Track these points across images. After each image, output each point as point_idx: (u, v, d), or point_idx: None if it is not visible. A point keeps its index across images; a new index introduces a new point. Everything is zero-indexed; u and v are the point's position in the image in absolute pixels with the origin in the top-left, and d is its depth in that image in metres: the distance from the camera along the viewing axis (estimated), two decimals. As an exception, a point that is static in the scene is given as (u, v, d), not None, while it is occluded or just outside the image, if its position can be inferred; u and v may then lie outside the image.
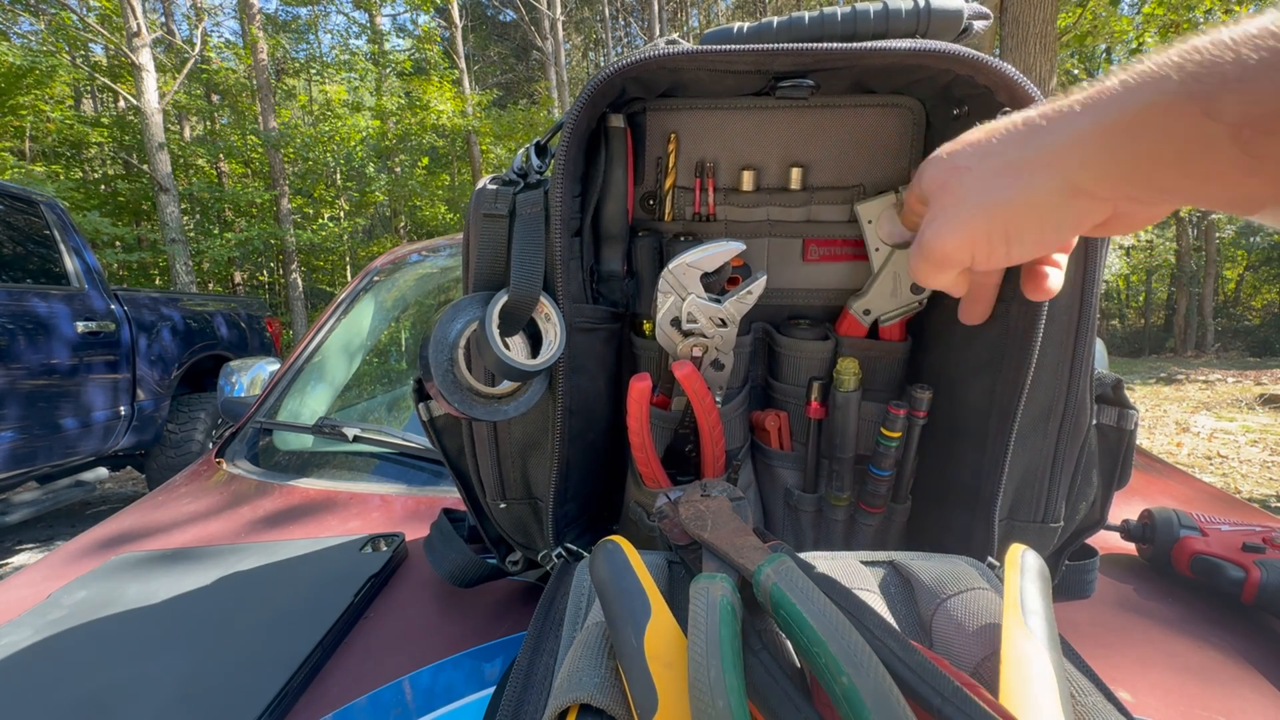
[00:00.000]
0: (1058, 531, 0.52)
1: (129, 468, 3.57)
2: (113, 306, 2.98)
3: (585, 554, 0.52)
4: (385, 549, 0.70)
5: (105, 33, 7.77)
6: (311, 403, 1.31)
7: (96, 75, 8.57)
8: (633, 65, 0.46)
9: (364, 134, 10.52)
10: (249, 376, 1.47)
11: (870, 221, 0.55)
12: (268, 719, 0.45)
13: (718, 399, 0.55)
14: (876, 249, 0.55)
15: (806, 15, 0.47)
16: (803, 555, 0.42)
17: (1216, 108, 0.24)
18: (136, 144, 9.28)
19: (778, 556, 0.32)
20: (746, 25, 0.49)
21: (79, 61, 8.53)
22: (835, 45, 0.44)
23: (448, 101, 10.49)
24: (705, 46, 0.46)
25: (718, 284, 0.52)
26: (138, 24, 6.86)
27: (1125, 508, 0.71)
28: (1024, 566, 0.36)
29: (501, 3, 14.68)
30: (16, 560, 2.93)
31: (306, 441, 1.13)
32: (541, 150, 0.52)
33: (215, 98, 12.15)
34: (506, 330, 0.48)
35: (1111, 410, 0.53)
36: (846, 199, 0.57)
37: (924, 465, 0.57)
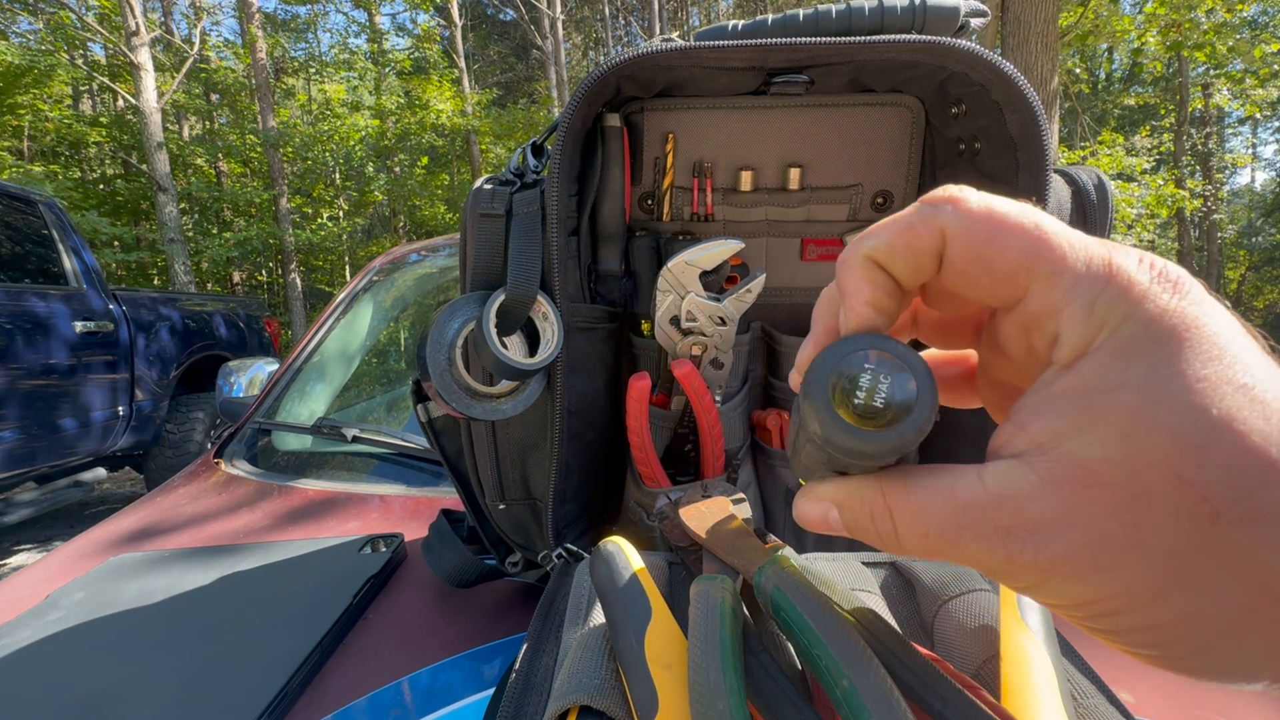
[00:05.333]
0: None
1: (127, 468, 3.56)
2: (111, 306, 2.97)
3: (585, 555, 0.52)
4: (384, 549, 0.70)
5: (104, 32, 7.75)
6: (310, 403, 1.31)
7: (95, 75, 8.55)
8: (626, 63, 0.45)
9: (363, 133, 10.50)
10: (247, 377, 1.46)
11: None
12: (267, 719, 0.45)
13: (717, 398, 0.55)
14: None
15: (801, 12, 0.47)
16: (804, 556, 0.42)
17: None
18: (135, 143, 9.25)
19: (778, 558, 0.32)
20: (741, 23, 0.48)
21: (78, 61, 8.51)
22: (827, 39, 0.44)
23: (447, 101, 10.46)
24: (698, 43, 0.45)
25: (716, 283, 0.52)
26: (136, 23, 6.84)
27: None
28: None
29: (501, 2, 14.66)
30: (15, 560, 2.93)
31: (305, 442, 1.13)
32: (538, 150, 0.52)
33: (214, 97, 12.12)
34: (504, 329, 0.48)
35: None
36: (845, 199, 0.57)
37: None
